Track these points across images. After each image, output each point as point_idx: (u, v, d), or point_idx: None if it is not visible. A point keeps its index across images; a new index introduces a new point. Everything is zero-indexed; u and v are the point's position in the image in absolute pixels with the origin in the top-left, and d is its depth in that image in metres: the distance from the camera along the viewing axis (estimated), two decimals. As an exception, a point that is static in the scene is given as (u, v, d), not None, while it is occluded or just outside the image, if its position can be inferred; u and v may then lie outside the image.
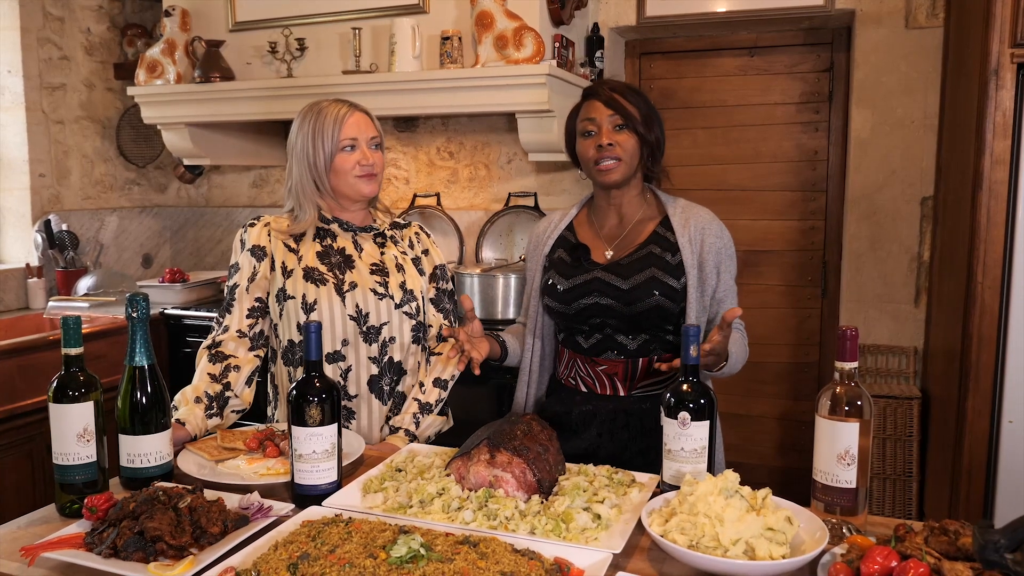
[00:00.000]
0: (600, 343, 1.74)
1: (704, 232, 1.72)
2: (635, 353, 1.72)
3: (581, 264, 1.76)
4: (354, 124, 1.74)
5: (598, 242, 1.79)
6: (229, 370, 1.73)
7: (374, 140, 1.77)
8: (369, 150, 1.75)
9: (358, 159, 1.74)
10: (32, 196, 3.42)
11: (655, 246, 1.73)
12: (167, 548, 1.15)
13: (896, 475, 2.76)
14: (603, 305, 1.71)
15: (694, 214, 1.75)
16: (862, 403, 1.21)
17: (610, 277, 1.71)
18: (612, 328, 1.73)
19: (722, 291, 1.73)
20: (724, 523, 1.12)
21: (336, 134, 1.72)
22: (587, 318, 1.74)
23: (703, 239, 1.72)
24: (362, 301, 1.76)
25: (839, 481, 1.21)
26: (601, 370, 1.75)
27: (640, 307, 1.68)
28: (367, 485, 1.40)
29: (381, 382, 1.79)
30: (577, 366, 1.79)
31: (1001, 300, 2.16)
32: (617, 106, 1.69)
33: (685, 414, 1.30)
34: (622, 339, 1.73)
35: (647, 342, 1.72)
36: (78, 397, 1.33)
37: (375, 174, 1.77)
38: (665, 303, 1.68)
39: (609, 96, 1.70)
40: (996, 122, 2.12)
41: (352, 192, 1.76)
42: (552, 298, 1.77)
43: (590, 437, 1.73)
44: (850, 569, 1.03)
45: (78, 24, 3.59)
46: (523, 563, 1.07)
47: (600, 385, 1.75)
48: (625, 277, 1.70)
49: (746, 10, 2.98)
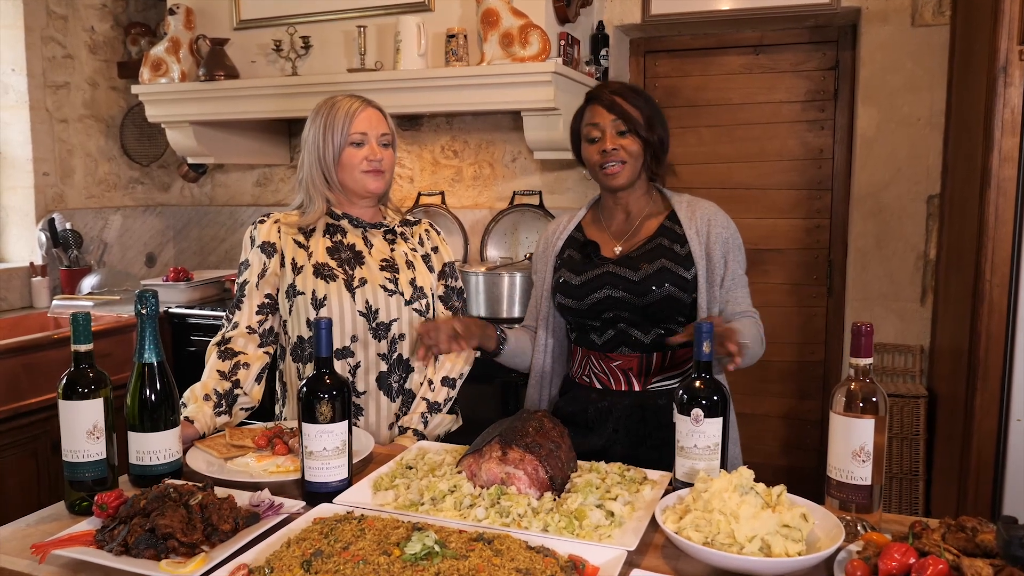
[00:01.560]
0: (614, 339, 1.75)
1: (710, 223, 1.75)
2: (649, 347, 1.73)
3: (592, 260, 1.77)
4: (365, 119, 1.74)
5: (607, 239, 1.81)
6: (239, 367, 1.73)
7: (384, 137, 1.77)
8: (378, 147, 1.75)
9: (366, 155, 1.74)
10: (36, 195, 3.41)
11: (664, 238, 1.75)
12: (178, 545, 1.14)
13: (903, 474, 2.76)
14: (616, 298, 1.71)
15: (700, 206, 1.78)
16: (877, 399, 1.21)
17: (621, 270, 1.73)
18: (626, 323, 1.73)
19: (730, 280, 1.74)
20: (740, 520, 1.11)
21: (346, 128, 1.73)
22: (600, 312, 1.74)
23: (709, 230, 1.74)
24: (372, 297, 1.76)
25: (854, 478, 1.21)
26: (616, 366, 1.75)
27: (652, 297, 1.69)
28: (378, 482, 1.39)
29: (390, 379, 1.79)
30: (591, 363, 1.79)
31: (1009, 298, 2.15)
32: (619, 110, 1.71)
33: (698, 411, 1.29)
34: (636, 334, 1.73)
35: (661, 336, 1.72)
36: (88, 394, 1.32)
37: (382, 171, 1.77)
38: (677, 293, 1.69)
39: (611, 100, 1.72)
40: (1005, 119, 2.11)
41: (358, 187, 1.77)
42: (565, 295, 1.78)
43: (606, 434, 1.73)
44: (867, 566, 1.03)
45: (82, 22, 3.58)
46: (538, 560, 1.06)
47: (615, 381, 1.75)
48: (636, 269, 1.72)
49: (751, 8, 2.97)
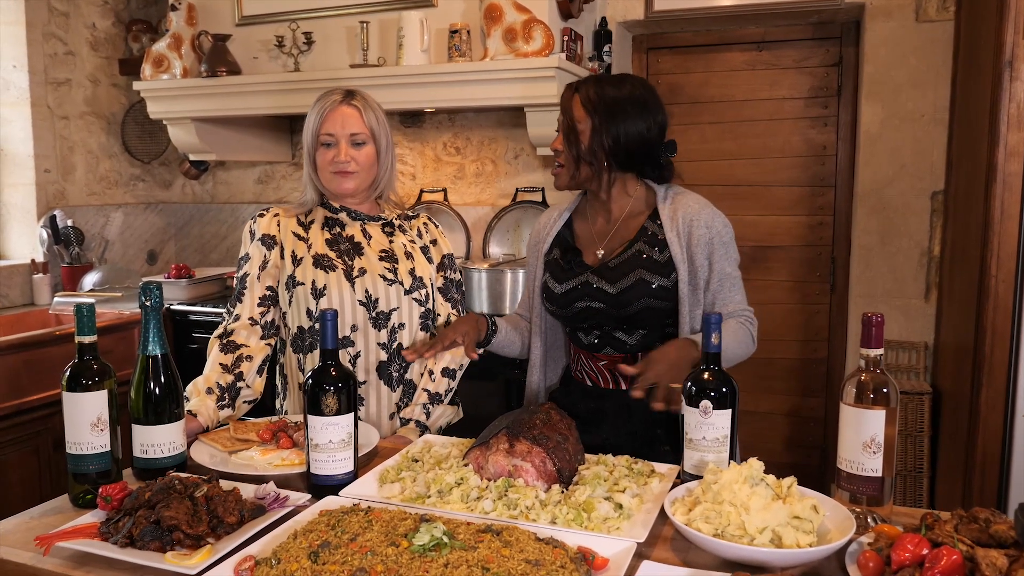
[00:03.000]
0: (600, 340, 1.74)
1: (692, 224, 1.67)
2: (634, 348, 1.71)
3: (573, 267, 1.75)
4: (334, 120, 1.72)
5: (591, 239, 1.78)
6: (241, 360, 1.72)
7: (356, 136, 1.74)
8: (348, 147, 1.73)
9: (333, 156, 1.73)
10: (37, 192, 3.40)
11: (643, 243, 1.70)
12: (184, 537, 1.13)
13: (907, 470, 2.75)
14: (595, 308, 1.71)
15: (683, 204, 1.70)
16: (888, 391, 1.20)
17: (599, 281, 1.71)
18: (610, 326, 1.72)
19: (716, 282, 1.68)
20: (750, 511, 1.10)
21: (316, 128, 1.74)
22: (584, 319, 1.74)
23: (691, 231, 1.66)
24: (372, 287, 1.76)
25: (864, 470, 1.20)
26: (603, 365, 1.75)
27: (630, 310, 1.68)
28: (384, 475, 1.38)
29: (390, 368, 1.79)
30: (582, 361, 1.79)
31: (1015, 294, 2.15)
32: (564, 109, 1.69)
33: (707, 402, 1.28)
34: (620, 336, 1.72)
35: (646, 336, 1.71)
36: (92, 385, 1.31)
37: (350, 172, 1.74)
38: (655, 303, 1.67)
39: (566, 100, 1.70)
40: (1010, 114, 2.11)
41: (330, 187, 1.78)
42: (549, 301, 1.79)
43: (602, 434, 1.72)
44: (880, 557, 1.02)
45: (83, 19, 3.57)
46: (548, 551, 1.05)
47: (603, 379, 1.75)
48: (613, 281, 1.69)
49: (754, 4, 2.97)
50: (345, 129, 1.73)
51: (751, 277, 3.30)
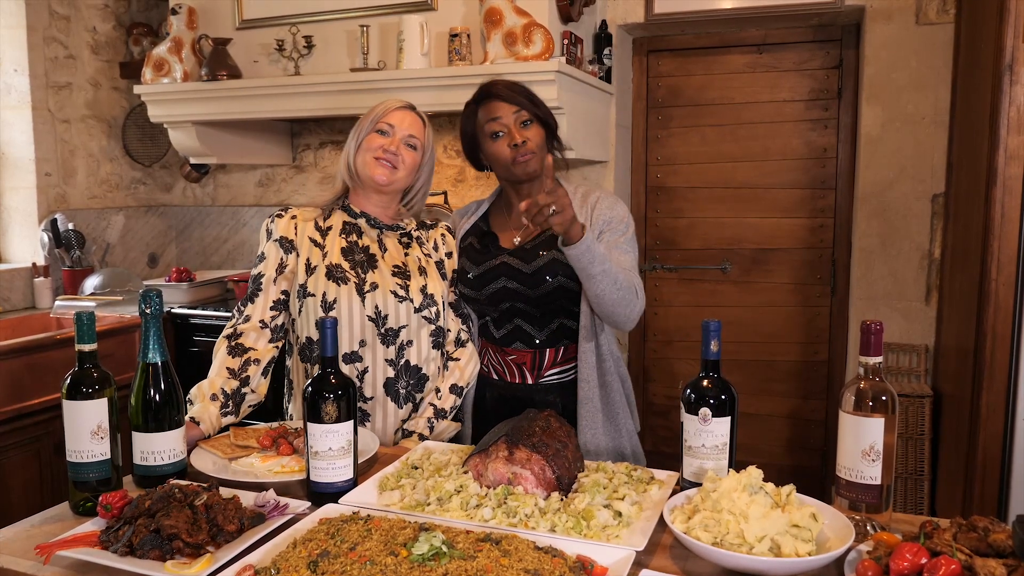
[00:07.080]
0: (510, 334, 1.85)
1: (595, 207, 1.80)
2: (543, 344, 1.83)
3: (489, 250, 1.84)
4: (400, 116, 1.79)
5: (508, 230, 1.87)
6: (249, 364, 1.71)
7: (412, 139, 1.79)
8: (401, 142, 1.77)
9: (384, 143, 1.76)
10: (38, 195, 3.41)
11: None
12: (184, 546, 1.13)
13: (907, 474, 2.75)
14: (511, 289, 1.79)
15: (592, 194, 1.84)
16: (887, 398, 1.20)
17: (515, 262, 1.80)
18: (522, 317, 1.82)
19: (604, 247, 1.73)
20: (749, 520, 1.10)
21: (378, 116, 1.78)
22: (497, 303, 1.81)
23: (592, 212, 1.80)
24: (382, 303, 1.75)
25: (863, 477, 1.20)
26: (511, 360, 1.86)
27: (544, 288, 1.77)
28: (383, 483, 1.38)
29: (397, 385, 1.78)
30: (489, 355, 1.90)
31: (1016, 297, 2.14)
32: (519, 100, 1.78)
33: (706, 410, 1.29)
34: (530, 330, 1.83)
35: (554, 333, 1.82)
36: (92, 394, 1.31)
37: (394, 165, 1.77)
38: (568, 283, 1.76)
39: (507, 93, 1.78)
40: (1010, 117, 2.10)
41: (365, 172, 1.78)
42: (464, 284, 1.85)
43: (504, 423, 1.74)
44: (878, 566, 1.02)
45: (84, 23, 3.58)
46: (547, 560, 1.05)
47: (510, 374, 1.86)
48: (528, 261, 1.79)
49: (754, 7, 2.97)
50: (404, 127, 1.78)
51: (752, 279, 3.30)
